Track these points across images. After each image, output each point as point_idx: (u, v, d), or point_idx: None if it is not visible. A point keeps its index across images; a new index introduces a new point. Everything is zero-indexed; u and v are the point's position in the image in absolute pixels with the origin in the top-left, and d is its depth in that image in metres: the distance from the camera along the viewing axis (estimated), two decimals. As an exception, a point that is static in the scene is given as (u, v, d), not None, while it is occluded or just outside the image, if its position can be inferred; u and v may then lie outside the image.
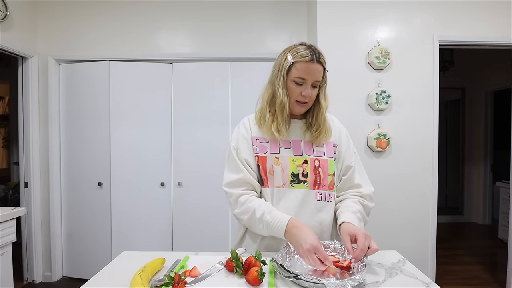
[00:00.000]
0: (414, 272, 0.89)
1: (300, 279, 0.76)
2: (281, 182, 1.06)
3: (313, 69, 1.01)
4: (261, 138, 1.09)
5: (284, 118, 1.06)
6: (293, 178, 1.06)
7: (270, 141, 1.08)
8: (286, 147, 1.08)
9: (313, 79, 1.02)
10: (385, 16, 2.28)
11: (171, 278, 0.77)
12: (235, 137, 1.12)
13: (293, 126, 1.11)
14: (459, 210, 4.89)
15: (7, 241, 1.66)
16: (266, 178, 1.07)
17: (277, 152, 1.07)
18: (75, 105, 2.74)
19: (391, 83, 2.27)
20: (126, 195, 2.69)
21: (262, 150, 1.07)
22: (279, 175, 1.06)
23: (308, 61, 1.00)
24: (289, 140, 1.09)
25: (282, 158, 1.06)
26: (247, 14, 2.69)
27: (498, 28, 2.29)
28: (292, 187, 1.06)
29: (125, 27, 2.69)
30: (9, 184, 3.69)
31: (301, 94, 1.03)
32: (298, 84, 1.03)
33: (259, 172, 1.08)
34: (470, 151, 4.75)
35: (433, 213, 2.31)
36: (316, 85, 1.05)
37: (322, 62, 1.03)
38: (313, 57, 1.00)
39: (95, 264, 2.59)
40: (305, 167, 1.06)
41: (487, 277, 2.89)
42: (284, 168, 1.06)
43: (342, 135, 1.17)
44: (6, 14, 2.36)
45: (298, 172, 1.06)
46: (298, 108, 1.07)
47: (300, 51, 1.02)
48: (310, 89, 1.03)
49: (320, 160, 1.07)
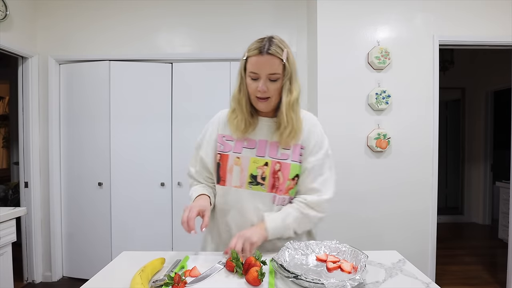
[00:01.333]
0: (414, 272, 0.88)
1: (300, 279, 0.76)
2: (239, 183, 1.05)
3: (263, 62, 0.95)
4: (228, 136, 1.08)
5: (244, 115, 1.03)
6: (251, 180, 1.04)
7: (235, 140, 1.07)
8: (250, 147, 1.06)
9: (266, 72, 0.96)
10: (385, 16, 2.28)
11: (171, 278, 0.77)
12: (203, 132, 1.16)
13: (262, 125, 1.07)
14: (459, 210, 4.89)
15: (7, 241, 1.66)
16: (225, 177, 1.07)
17: (240, 152, 1.05)
18: (75, 105, 2.74)
19: (391, 83, 2.27)
20: (126, 195, 2.69)
21: (226, 149, 1.07)
22: (237, 175, 1.05)
23: (257, 54, 0.96)
24: (255, 139, 1.06)
25: (243, 159, 1.04)
26: (247, 14, 2.69)
27: (498, 28, 2.29)
28: (249, 189, 1.04)
29: (125, 27, 2.69)
30: (9, 184, 3.69)
31: (257, 89, 0.98)
32: (253, 79, 0.98)
33: (219, 170, 1.08)
34: (470, 151, 4.75)
35: (433, 213, 2.31)
36: (274, 79, 0.97)
37: (274, 53, 0.95)
38: (261, 49, 0.95)
39: (95, 264, 2.58)
40: (264, 170, 1.03)
41: (487, 277, 2.88)
42: (244, 168, 1.04)
43: (311, 135, 1.06)
44: (6, 14, 2.36)
45: (257, 174, 1.03)
46: (259, 104, 1.02)
47: (252, 45, 0.99)
48: (265, 83, 0.97)
49: (281, 164, 1.02)
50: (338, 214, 2.28)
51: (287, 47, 1.00)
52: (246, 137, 1.06)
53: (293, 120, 1.01)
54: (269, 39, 0.99)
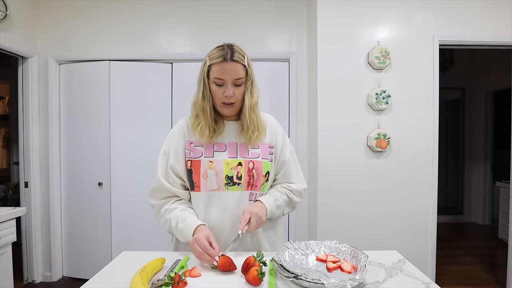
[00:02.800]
0: (414, 272, 0.88)
1: (300, 279, 0.76)
2: (216, 186, 1.06)
3: (228, 68, 1.00)
4: (196, 142, 1.09)
5: (207, 121, 1.06)
6: (228, 181, 1.07)
7: (204, 145, 1.08)
8: (220, 150, 1.09)
9: (231, 78, 1.01)
10: (385, 16, 2.28)
11: (171, 278, 0.77)
12: (168, 141, 1.14)
13: (228, 128, 1.11)
14: (459, 210, 4.89)
15: (7, 241, 1.66)
16: (199, 183, 1.07)
17: (211, 155, 1.07)
18: (75, 105, 2.74)
19: (391, 83, 2.27)
20: (126, 195, 2.69)
21: (196, 154, 1.08)
22: (213, 178, 1.06)
23: (221, 61, 1.00)
24: (224, 142, 1.10)
25: (216, 162, 1.06)
26: (247, 14, 2.69)
27: (498, 28, 2.29)
28: (226, 190, 1.07)
29: (125, 27, 2.69)
30: (9, 184, 3.69)
31: (223, 95, 1.03)
32: (218, 85, 1.03)
33: (191, 176, 1.08)
34: (470, 151, 4.75)
35: (433, 213, 2.31)
36: (239, 83, 1.03)
37: (238, 60, 1.01)
38: (225, 56, 1.00)
39: (95, 264, 2.59)
40: (239, 169, 1.07)
41: (487, 277, 2.88)
42: (218, 171, 1.06)
43: (278, 134, 1.17)
44: (6, 14, 2.36)
45: (232, 174, 1.07)
46: (225, 109, 1.06)
47: (214, 52, 1.03)
48: (231, 88, 1.02)
49: (254, 162, 1.08)
50: (338, 214, 2.28)
51: (245, 53, 1.07)
52: (215, 141, 1.09)
53: (254, 121, 1.08)
54: (230, 47, 1.04)
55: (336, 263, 0.89)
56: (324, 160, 2.28)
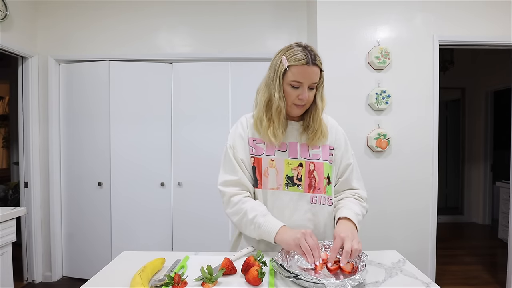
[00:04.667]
0: (414, 272, 0.88)
1: (300, 279, 0.76)
2: (276, 185, 1.05)
3: (309, 72, 0.98)
4: (258, 139, 1.08)
5: (280, 122, 1.04)
6: (288, 181, 1.05)
7: (266, 143, 1.07)
8: (282, 149, 1.07)
9: (310, 81, 1.00)
10: (385, 16, 2.28)
11: (171, 278, 0.77)
12: (232, 136, 1.11)
13: (290, 128, 1.09)
14: (459, 210, 4.89)
15: (7, 241, 1.66)
16: (261, 180, 1.06)
17: (273, 154, 1.06)
18: (75, 105, 2.74)
19: (391, 83, 2.27)
20: (126, 195, 2.69)
21: (258, 152, 1.07)
22: (273, 177, 1.05)
23: (304, 64, 0.97)
24: (285, 142, 1.08)
25: (277, 161, 1.05)
26: (248, 14, 2.69)
27: (498, 28, 2.29)
28: (286, 190, 1.05)
29: (125, 26, 2.69)
30: (9, 184, 3.69)
31: (298, 97, 1.01)
32: (294, 87, 1.00)
33: (254, 173, 1.07)
34: (470, 151, 4.75)
35: (433, 213, 2.31)
36: (313, 87, 1.02)
37: (318, 64, 1.00)
38: (308, 59, 0.97)
39: (95, 264, 2.59)
40: (299, 170, 1.06)
41: (487, 277, 2.88)
42: (279, 170, 1.05)
43: (339, 137, 1.15)
44: (6, 14, 2.36)
45: (292, 175, 1.05)
46: (296, 110, 1.05)
47: (296, 53, 0.98)
48: (307, 91, 1.00)
49: (315, 163, 1.06)
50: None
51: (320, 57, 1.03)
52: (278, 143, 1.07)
53: (322, 123, 1.07)
54: (309, 48, 1.00)
55: (336, 263, 0.88)
56: (324, 160, 2.28)
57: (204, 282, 0.79)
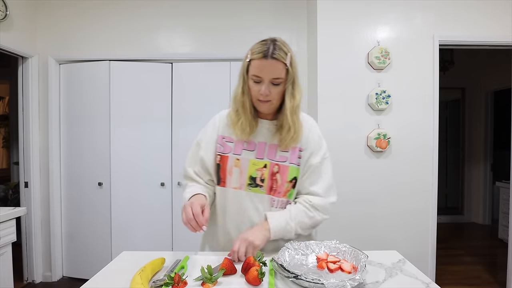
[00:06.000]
0: (414, 272, 0.88)
1: (300, 279, 0.76)
2: (238, 184, 1.05)
3: (266, 66, 0.94)
4: (228, 137, 1.08)
5: (247, 117, 1.02)
6: (251, 182, 1.04)
7: (235, 141, 1.06)
8: (249, 149, 1.05)
9: (269, 76, 0.95)
10: (385, 16, 2.28)
11: (171, 278, 0.77)
12: (202, 132, 1.14)
13: (261, 127, 1.06)
14: (459, 210, 4.89)
15: (7, 241, 1.66)
16: (225, 178, 1.07)
17: (239, 153, 1.05)
18: (75, 105, 2.74)
19: (391, 83, 2.27)
20: (126, 195, 2.69)
21: (226, 150, 1.07)
22: (237, 176, 1.05)
23: (261, 58, 0.94)
24: (254, 141, 1.05)
25: (243, 160, 1.04)
26: (247, 14, 2.69)
27: (498, 28, 2.29)
28: (248, 190, 1.04)
29: (125, 27, 2.69)
30: (9, 184, 3.68)
31: (259, 92, 0.97)
32: (256, 82, 0.97)
33: (219, 171, 1.07)
34: (470, 151, 4.75)
35: (433, 213, 2.31)
36: (277, 83, 0.96)
37: (279, 58, 0.94)
38: (266, 53, 0.93)
39: (95, 264, 2.59)
40: (263, 172, 1.03)
41: (487, 277, 2.88)
42: (243, 170, 1.04)
43: (312, 138, 1.07)
44: (6, 14, 2.36)
45: (256, 176, 1.04)
46: (261, 106, 1.01)
47: (256, 47, 0.96)
48: (268, 87, 0.95)
49: (280, 166, 1.03)
50: (338, 214, 2.28)
51: (290, 50, 0.98)
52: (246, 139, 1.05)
53: (295, 124, 1.01)
54: (273, 42, 0.97)
55: (336, 263, 0.89)
56: (324, 160, 2.28)
57: (204, 282, 0.79)
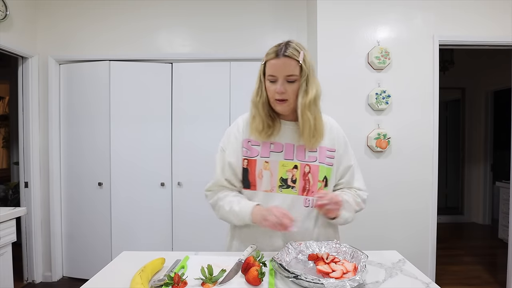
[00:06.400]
0: (414, 272, 0.88)
1: (300, 279, 0.76)
2: (269, 187, 1.05)
3: (279, 64, 0.99)
4: (253, 141, 1.08)
5: (261, 118, 1.04)
6: (282, 183, 1.05)
7: (261, 144, 1.07)
8: (277, 150, 1.06)
9: (283, 74, 0.99)
10: (385, 16, 2.28)
11: (171, 278, 0.77)
12: (226, 137, 1.14)
13: (286, 129, 1.08)
14: (459, 210, 4.89)
15: (7, 241, 1.66)
16: (255, 182, 1.07)
17: (268, 156, 1.06)
18: (75, 105, 2.74)
19: (391, 83, 2.27)
20: (126, 195, 2.69)
21: (253, 153, 1.07)
22: (267, 179, 1.05)
23: (274, 57, 1.00)
24: (281, 143, 1.07)
25: (272, 163, 1.05)
26: (248, 14, 2.69)
27: (498, 28, 2.29)
28: (280, 192, 1.05)
29: (125, 27, 2.69)
30: (9, 184, 3.68)
31: (275, 91, 1.01)
32: (272, 82, 1.01)
33: (247, 175, 1.07)
34: (470, 151, 4.75)
35: (433, 213, 2.31)
36: (291, 80, 1.00)
37: (291, 55, 0.98)
38: (278, 52, 0.99)
39: (95, 264, 2.59)
40: (294, 173, 1.05)
41: (487, 277, 2.88)
42: (273, 172, 1.05)
43: (339, 138, 1.13)
44: (6, 14, 2.36)
45: (287, 177, 1.05)
46: (278, 106, 1.04)
47: (270, 49, 1.03)
48: (282, 84, 0.99)
49: (310, 166, 1.05)
50: (338, 214, 2.28)
51: (304, 49, 1.02)
52: (272, 141, 1.07)
53: (310, 120, 1.02)
54: (286, 42, 1.02)
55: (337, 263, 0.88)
56: (324, 160, 2.28)
57: (204, 282, 0.79)
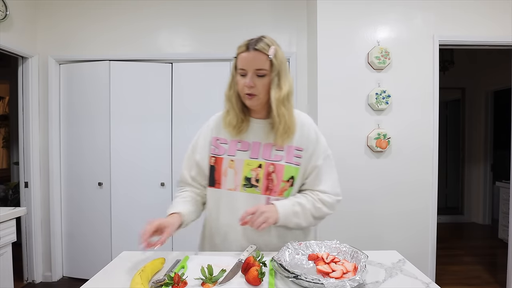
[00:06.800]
0: (414, 272, 0.88)
1: (300, 279, 0.76)
2: (233, 185, 1.05)
3: (249, 58, 0.99)
4: (222, 139, 1.09)
5: (235, 111, 1.05)
6: (246, 182, 1.04)
7: (229, 143, 1.07)
8: (243, 149, 1.06)
9: (252, 67, 0.99)
10: (385, 16, 2.28)
11: (171, 278, 0.77)
12: (197, 136, 1.16)
13: (254, 127, 1.07)
14: (459, 210, 4.89)
15: (7, 241, 1.66)
16: (220, 180, 1.07)
17: (234, 154, 1.06)
18: (75, 105, 2.74)
19: (391, 83, 2.27)
20: (126, 195, 2.68)
21: (220, 151, 1.08)
22: (231, 178, 1.05)
23: (244, 50, 1.00)
24: (248, 142, 1.07)
25: (237, 161, 1.05)
26: (247, 14, 2.69)
27: (498, 28, 2.29)
28: (244, 191, 1.05)
29: (125, 27, 2.69)
30: (9, 184, 3.68)
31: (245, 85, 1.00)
32: (242, 75, 1.01)
33: (214, 173, 1.08)
34: (470, 151, 4.75)
35: (433, 213, 2.31)
36: (261, 74, 0.99)
37: (261, 49, 0.98)
38: (248, 46, 0.99)
39: (95, 264, 2.58)
40: (258, 172, 1.03)
41: (487, 277, 2.88)
42: (238, 171, 1.05)
43: (310, 136, 1.07)
44: (6, 14, 2.36)
45: (251, 176, 1.04)
46: (247, 100, 1.02)
47: (241, 43, 1.03)
48: (252, 78, 0.99)
49: (275, 165, 1.03)
50: (338, 214, 2.27)
51: (275, 44, 1.02)
52: (240, 139, 1.07)
53: (285, 116, 1.00)
54: (259, 37, 1.03)
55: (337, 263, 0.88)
56: (324, 160, 2.28)
57: (204, 282, 0.79)
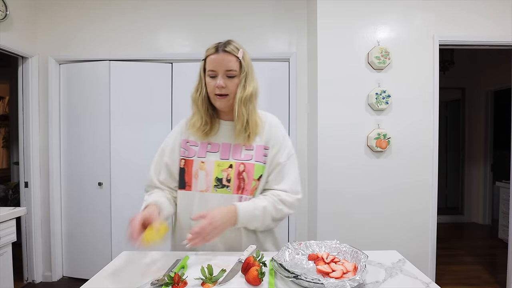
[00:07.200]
0: (414, 272, 0.88)
1: (300, 279, 0.76)
2: (205, 187, 1.06)
3: (219, 60, 1.02)
4: (192, 141, 1.10)
5: (201, 113, 1.07)
6: (217, 183, 1.05)
7: (199, 145, 1.09)
8: (213, 151, 1.08)
9: (222, 69, 1.02)
10: (385, 16, 2.28)
11: (171, 278, 0.77)
12: (167, 138, 1.17)
13: (223, 129, 1.10)
14: (459, 210, 4.89)
15: (7, 241, 1.66)
16: (191, 182, 1.07)
17: (204, 156, 1.07)
18: (75, 105, 2.74)
19: (391, 83, 2.27)
20: (126, 195, 2.68)
21: (190, 154, 1.09)
22: (203, 179, 1.06)
23: (214, 52, 1.02)
24: (218, 143, 1.09)
25: (208, 163, 1.06)
26: (247, 15, 2.69)
27: (498, 28, 2.29)
28: (215, 192, 1.05)
29: (125, 27, 2.69)
30: (9, 184, 3.68)
31: (215, 86, 1.03)
32: (212, 77, 1.04)
33: (184, 175, 1.08)
34: (470, 151, 4.75)
35: (433, 213, 2.31)
36: (231, 75, 1.03)
37: (230, 51, 1.02)
38: (218, 48, 1.02)
39: (95, 264, 2.58)
40: (229, 172, 1.05)
41: (487, 277, 2.89)
42: (208, 172, 1.05)
43: (276, 135, 1.10)
44: (6, 14, 2.36)
45: (222, 177, 1.05)
46: (217, 101, 1.05)
47: (210, 46, 1.05)
48: (223, 79, 1.02)
49: (245, 164, 1.05)
50: (338, 214, 2.28)
51: (242, 48, 1.07)
52: (209, 141, 1.09)
53: (243, 115, 1.04)
54: (227, 40, 1.06)
55: (337, 263, 0.88)
56: (324, 160, 2.28)
57: (204, 282, 0.79)
